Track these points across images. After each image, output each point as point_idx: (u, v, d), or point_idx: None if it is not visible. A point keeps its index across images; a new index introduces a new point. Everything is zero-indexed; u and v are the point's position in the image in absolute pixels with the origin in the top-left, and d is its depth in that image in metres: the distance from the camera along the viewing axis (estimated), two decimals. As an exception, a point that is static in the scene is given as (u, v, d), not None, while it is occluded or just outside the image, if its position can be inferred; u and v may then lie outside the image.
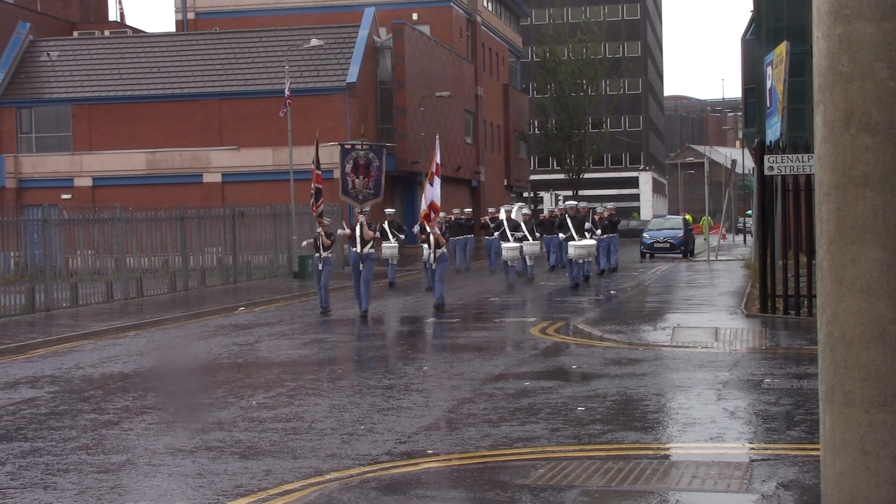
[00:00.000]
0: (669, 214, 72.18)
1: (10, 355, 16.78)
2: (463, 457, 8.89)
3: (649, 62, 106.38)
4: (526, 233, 29.78)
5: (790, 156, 18.15)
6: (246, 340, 17.93)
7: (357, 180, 21.99)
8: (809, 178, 17.95)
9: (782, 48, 23.11)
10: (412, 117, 47.10)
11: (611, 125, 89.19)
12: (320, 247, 21.63)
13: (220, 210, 34.19)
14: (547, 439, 9.49)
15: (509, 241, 29.54)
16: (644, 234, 46.89)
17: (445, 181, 52.60)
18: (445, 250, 22.18)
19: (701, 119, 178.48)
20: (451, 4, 56.74)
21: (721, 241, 51.74)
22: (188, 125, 45.46)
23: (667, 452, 9.05)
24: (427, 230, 22.36)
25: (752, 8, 47.19)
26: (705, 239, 50.75)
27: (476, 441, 9.48)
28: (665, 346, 15.41)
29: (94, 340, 18.65)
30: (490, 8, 66.53)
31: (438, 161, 21.87)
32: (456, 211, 38.22)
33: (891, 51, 5.16)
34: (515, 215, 34.44)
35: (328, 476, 8.39)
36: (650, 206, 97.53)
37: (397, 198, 48.10)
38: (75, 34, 53.43)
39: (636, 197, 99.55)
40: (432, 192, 21.35)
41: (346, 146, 22.41)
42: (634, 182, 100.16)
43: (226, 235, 32.88)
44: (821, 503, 5.50)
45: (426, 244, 22.25)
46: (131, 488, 8.26)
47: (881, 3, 5.16)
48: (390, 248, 29.75)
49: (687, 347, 15.24)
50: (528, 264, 30.50)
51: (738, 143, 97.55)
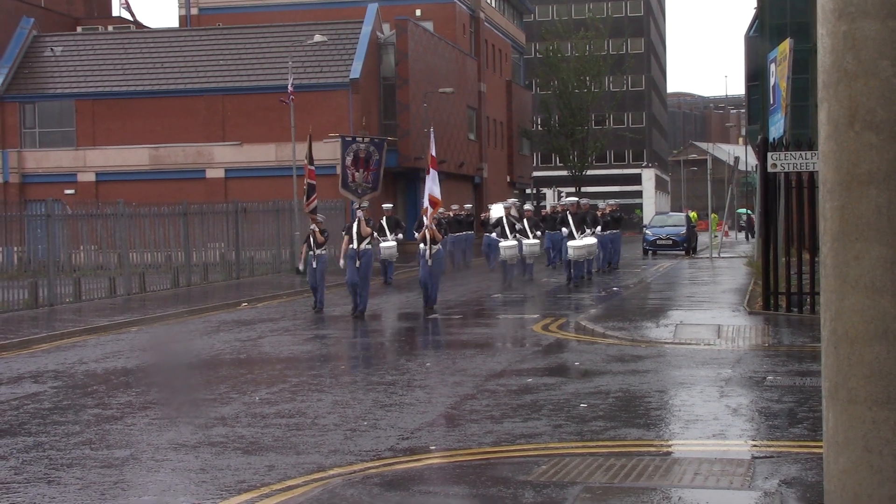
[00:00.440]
0: (672, 211, 72.13)
1: (14, 350, 16.80)
2: (465, 453, 8.90)
3: (652, 59, 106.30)
4: (527, 229, 29.13)
5: (793, 153, 18.14)
6: (249, 336, 17.95)
7: (357, 174, 21.58)
8: (813, 176, 17.94)
9: (786, 45, 23.10)
10: (415, 113, 47.09)
11: (614, 122, 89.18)
12: (313, 244, 21.24)
13: (223, 206, 34.19)
14: (549, 436, 9.49)
15: (508, 240, 28.91)
16: (646, 231, 46.90)
17: (448, 177, 52.78)
18: (441, 247, 21.52)
19: (704, 116, 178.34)
20: (455, 0, 56.71)
21: (724, 239, 51.72)
22: (191, 121, 45.47)
23: (669, 449, 9.06)
24: (424, 225, 21.66)
25: (756, 5, 47.16)
26: (714, 235, 50.68)
27: (479, 437, 9.49)
28: (667, 343, 15.41)
29: (97, 336, 18.67)
30: (493, 4, 66.49)
31: (433, 153, 21.42)
32: (455, 207, 37.64)
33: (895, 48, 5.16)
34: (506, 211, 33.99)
35: (331, 472, 8.39)
36: (653, 203, 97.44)
37: (400, 194, 48.09)
38: (79, 29, 53.44)
39: (639, 194, 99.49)
40: (430, 186, 20.92)
41: (347, 139, 22.01)
42: (637, 179, 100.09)
43: (229, 231, 32.89)
44: (824, 500, 5.50)
45: (423, 242, 21.52)
46: (135, 483, 8.27)
47: (886, 1, 5.16)
48: (388, 248, 28.89)
49: (689, 344, 15.24)
50: (528, 263, 29.75)
51: (742, 140, 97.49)
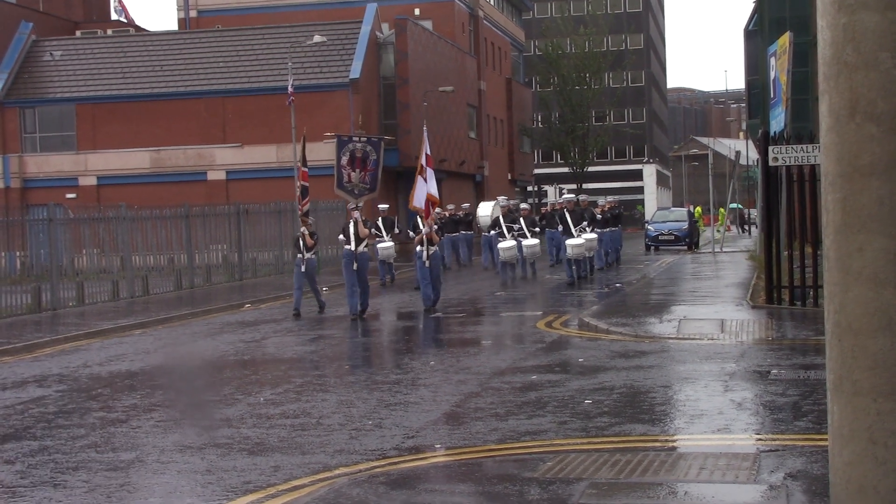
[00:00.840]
0: (674, 206, 72.12)
1: (18, 354, 16.82)
2: (471, 451, 8.90)
3: (652, 54, 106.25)
4: (525, 229, 28.62)
5: (794, 146, 18.13)
6: (252, 337, 17.96)
7: (353, 174, 21.07)
8: (814, 169, 17.93)
9: (785, 38, 23.10)
10: (415, 113, 47.08)
11: (614, 118, 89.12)
12: (302, 247, 20.94)
13: (225, 207, 34.22)
14: (555, 432, 9.50)
15: (506, 240, 28.46)
16: (648, 227, 46.89)
17: (449, 176, 52.81)
18: (438, 249, 21.09)
19: (704, 111, 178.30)
20: (453, -1, 56.73)
21: (726, 233, 51.71)
22: (192, 123, 45.49)
23: (674, 444, 9.06)
24: (421, 226, 21.25)
25: (755, -1, 47.10)
26: (719, 230, 50.59)
27: (484, 435, 9.49)
28: (671, 339, 15.40)
29: (101, 339, 18.68)
30: (492, 2, 66.47)
31: (428, 152, 20.93)
32: (451, 207, 36.97)
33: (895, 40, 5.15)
34: (494, 210, 33.29)
35: (337, 471, 8.40)
36: (654, 199, 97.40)
37: (401, 193, 48.07)
38: (78, 33, 53.48)
39: (640, 189, 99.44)
40: (428, 186, 20.45)
41: (343, 138, 21.47)
42: (638, 174, 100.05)
43: (231, 233, 32.91)
44: (829, 493, 5.50)
45: (420, 243, 21.03)
46: (140, 486, 8.28)
47: (885, -8, 5.16)
48: (386, 249, 28.57)
49: (693, 339, 15.24)
50: (530, 262, 29.24)
51: (742, 135, 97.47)
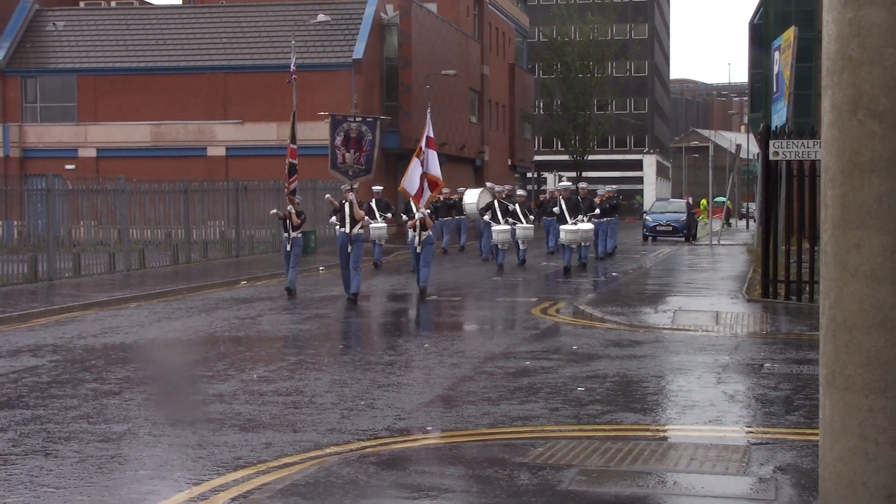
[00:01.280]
0: (673, 198, 72.09)
1: (13, 323, 16.82)
2: (462, 434, 8.93)
3: (656, 45, 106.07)
4: (519, 214, 28.25)
5: (795, 141, 18.13)
6: (248, 314, 17.97)
7: (347, 154, 20.55)
8: (814, 164, 17.94)
9: (790, 33, 23.05)
10: (417, 95, 47.00)
11: (616, 107, 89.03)
12: (289, 226, 20.59)
13: (224, 183, 34.17)
14: (546, 419, 9.52)
15: (500, 224, 28.20)
16: (646, 217, 46.92)
17: (450, 160, 52.69)
18: (432, 233, 20.70)
19: (706, 103, 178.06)
20: (459, -18, 56.55)
21: (725, 228, 51.74)
22: (193, 98, 45.38)
23: (665, 434, 9.09)
24: (414, 211, 20.77)
25: (761, -8, 47.02)
26: (728, 224, 50.44)
27: (476, 419, 9.51)
28: (666, 329, 15.43)
29: (96, 311, 18.69)
30: (498, -13, 66.29)
31: (430, 134, 20.56)
32: (446, 191, 36.70)
33: (901, 37, 5.15)
34: (481, 198, 32.49)
35: (328, 450, 8.42)
36: (654, 190, 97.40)
37: (400, 176, 47.95)
38: (82, 4, 53.23)
39: (640, 180, 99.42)
40: (430, 167, 20.08)
41: (338, 118, 20.85)
42: (638, 165, 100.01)
43: (229, 209, 32.88)
44: (819, 487, 5.52)
45: (412, 228, 20.68)
46: (132, 458, 8.30)
47: (892, -11, 5.15)
48: (378, 229, 28.37)
49: (688, 330, 15.27)
50: (522, 248, 28.65)
51: (744, 128, 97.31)
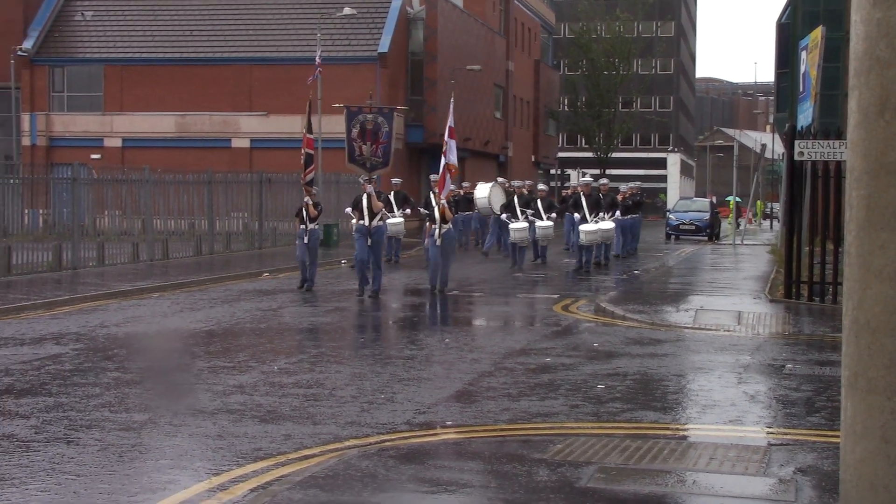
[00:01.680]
0: (696, 197, 71.82)
1: (37, 311, 16.94)
2: (481, 429, 8.93)
3: (682, 43, 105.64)
4: (540, 211, 27.33)
5: (821, 141, 18.02)
6: (269, 306, 18.02)
7: (364, 147, 20.28)
8: (839, 165, 17.83)
9: (818, 32, 22.93)
10: (442, 90, 46.98)
11: (641, 105, 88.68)
12: (305, 218, 20.36)
13: (248, 175, 34.29)
14: (566, 415, 9.51)
15: (518, 221, 27.02)
16: (670, 216, 46.79)
17: (473, 155, 52.71)
18: (451, 227, 20.03)
19: (732, 102, 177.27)
20: (485, -22, 56.49)
21: (747, 226, 51.53)
22: (218, 89, 45.53)
23: (685, 433, 9.06)
24: (433, 202, 20.34)
25: (789, -9, 46.76)
26: (758, 221, 50.07)
27: (495, 414, 9.52)
28: (687, 328, 15.38)
29: (119, 300, 18.79)
30: (524, -18, 66.19)
31: (451, 124, 20.27)
32: (466, 184, 36.00)
33: (930, 38, 5.11)
34: (492, 192, 31.84)
35: (347, 443, 8.44)
36: (677, 188, 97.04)
37: (424, 170, 48.02)
38: (109, -5, 53.52)
39: (664, 178, 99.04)
40: (449, 156, 19.79)
41: (353, 109, 20.49)
42: (662, 163, 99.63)
43: (252, 201, 32.98)
44: (839, 489, 5.50)
45: (429, 219, 20.08)
46: (152, 447, 8.34)
47: (922, -11, 5.11)
48: (395, 225, 27.43)
49: (709, 330, 15.21)
50: (542, 246, 27.80)
51: (769, 128, 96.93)
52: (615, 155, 76.66)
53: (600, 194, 26.64)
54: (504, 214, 28.54)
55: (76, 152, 42.44)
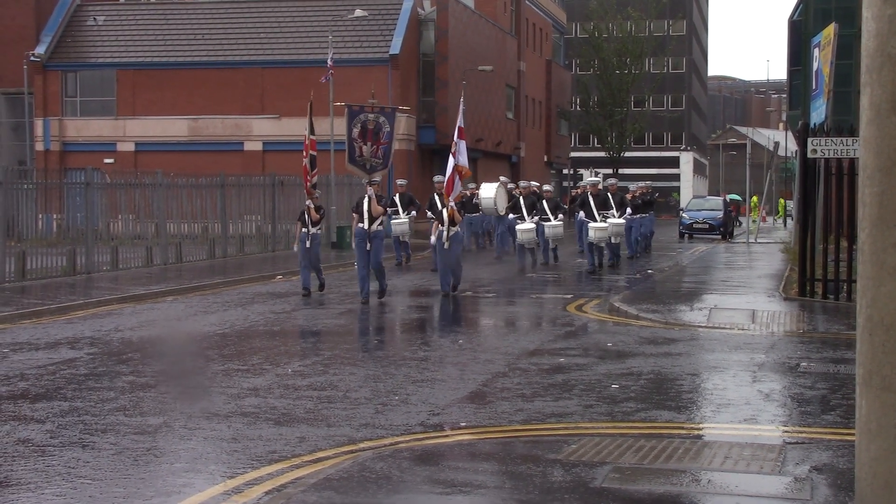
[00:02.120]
0: (710, 195, 71.64)
1: (51, 316, 17.00)
2: (496, 430, 8.93)
3: (694, 41, 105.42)
4: (548, 211, 27.03)
5: (834, 139, 17.97)
6: (283, 308, 18.05)
7: (365, 147, 20.03)
8: (853, 162, 17.77)
9: (830, 30, 22.85)
10: (454, 91, 46.96)
11: (653, 104, 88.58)
12: (308, 221, 20.05)
13: (260, 178, 34.32)
14: (580, 415, 9.50)
15: (525, 222, 26.75)
16: (683, 215, 46.72)
17: (486, 156, 52.70)
18: (460, 229, 19.68)
19: (744, 100, 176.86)
20: (496, -22, 56.46)
21: (761, 224, 51.40)
22: (230, 93, 45.63)
23: (700, 432, 9.04)
24: (440, 204, 20.02)
25: (801, -12, 46.62)
26: (781, 219, 49.88)
27: (509, 415, 9.51)
28: (701, 327, 15.35)
29: (133, 304, 18.84)
30: (535, -18, 66.14)
31: (461, 124, 20.02)
32: (472, 185, 35.60)
33: (941, 34, 5.09)
34: (498, 192, 31.68)
35: (361, 445, 8.45)
36: (690, 187, 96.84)
37: (437, 172, 47.97)
38: (121, -1, 53.72)
39: (676, 177, 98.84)
40: (458, 158, 19.51)
41: (354, 108, 20.19)
42: (675, 162, 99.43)
43: (265, 204, 33.03)
44: (854, 487, 5.49)
45: (438, 221, 19.71)
46: (167, 450, 8.36)
47: (933, -15, 5.10)
48: (400, 226, 27.51)
49: (723, 329, 15.18)
50: (551, 247, 27.53)
51: (782, 126, 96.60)
52: (628, 154, 76.55)
53: (609, 194, 26.41)
54: (511, 216, 28.34)
55: (89, 157, 42.54)
